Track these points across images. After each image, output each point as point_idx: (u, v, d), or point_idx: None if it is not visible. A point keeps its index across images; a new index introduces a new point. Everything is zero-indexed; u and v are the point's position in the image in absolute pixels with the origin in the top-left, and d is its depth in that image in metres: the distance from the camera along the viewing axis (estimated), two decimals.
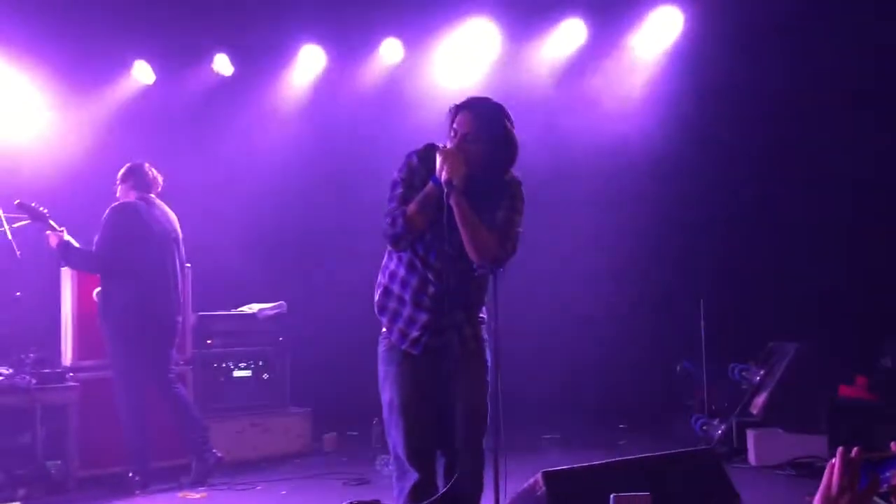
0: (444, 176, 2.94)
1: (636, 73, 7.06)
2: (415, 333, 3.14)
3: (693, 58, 6.78)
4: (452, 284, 3.12)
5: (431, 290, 3.11)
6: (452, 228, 3.01)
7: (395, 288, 3.19)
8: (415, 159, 3.13)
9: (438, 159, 2.99)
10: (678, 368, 6.63)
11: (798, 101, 6.69)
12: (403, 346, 3.15)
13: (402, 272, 3.18)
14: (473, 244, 3.02)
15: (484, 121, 3.05)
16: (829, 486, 1.77)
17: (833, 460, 1.80)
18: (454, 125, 3.08)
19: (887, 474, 1.80)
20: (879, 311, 6.17)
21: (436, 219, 3.02)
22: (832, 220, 6.66)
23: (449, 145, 3.06)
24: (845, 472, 1.76)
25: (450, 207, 2.98)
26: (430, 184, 3.02)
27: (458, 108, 3.09)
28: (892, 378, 5.79)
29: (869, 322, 6.16)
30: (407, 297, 3.16)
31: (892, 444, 1.82)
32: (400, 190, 3.11)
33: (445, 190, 2.95)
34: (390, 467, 3.24)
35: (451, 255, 3.08)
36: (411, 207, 3.04)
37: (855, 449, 1.78)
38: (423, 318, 3.13)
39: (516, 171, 3.20)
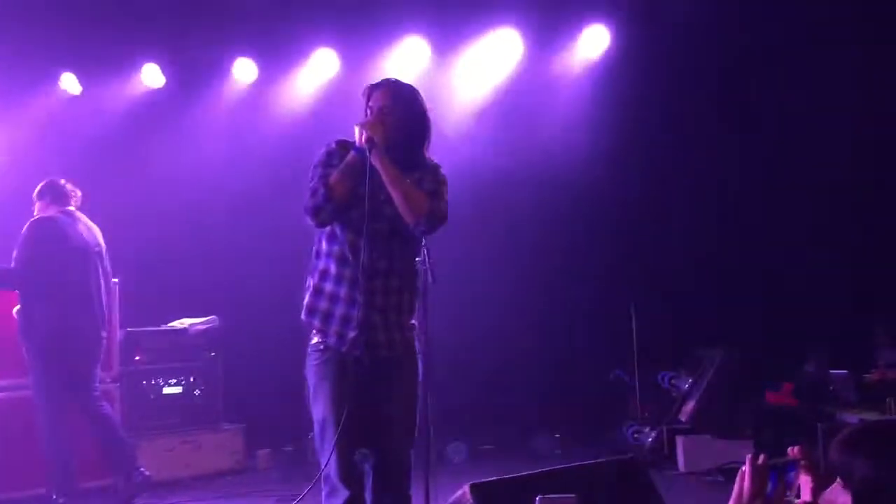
0: (364, 137, 2.98)
1: (566, 86, 7.16)
2: (352, 333, 3.07)
3: (619, 72, 6.92)
4: (384, 268, 3.09)
5: (363, 284, 3.05)
6: (377, 203, 3.01)
7: (328, 286, 3.13)
8: (333, 145, 3.17)
9: (357, 130, 3.02)
10: (611, 377, 6.71)
11: (722, 112, 6.88)
12: (343, 349, 3.08)
13: (333, 268, 3.12)
14: (405, 201, 3.01)
15: (398, 96, 3.15)
16: (740, 493, 1.85)
17: (743, 468, 1.88)
18: (370, 103, 3.16)
19: (790, 474, 1.89)
20: (805, 317, 6.34)
21: (361, 192, 3.00)
22: (758, 227, 6.85)
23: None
24: (755, 478, 1.84)
25: (373, 173, 2.98)
26: (351, 153, 3.03)
27: (372, 88, 3.19)
28: (815, 383, 5.95)
29: (795, 328, 6.33)
30: (342, 293, 3.09)
31: (790, 449, 1.91)
32: (319, 170, 3.11)
33: (368, 148, 2.96)
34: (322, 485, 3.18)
35: (382, 231, 3.06)
36: (333, 176, 3.03)
37: (762, 456, 1.87)
38: (357, 315, 3.06)
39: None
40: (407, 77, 6.60)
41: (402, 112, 3.11)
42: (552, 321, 7.01)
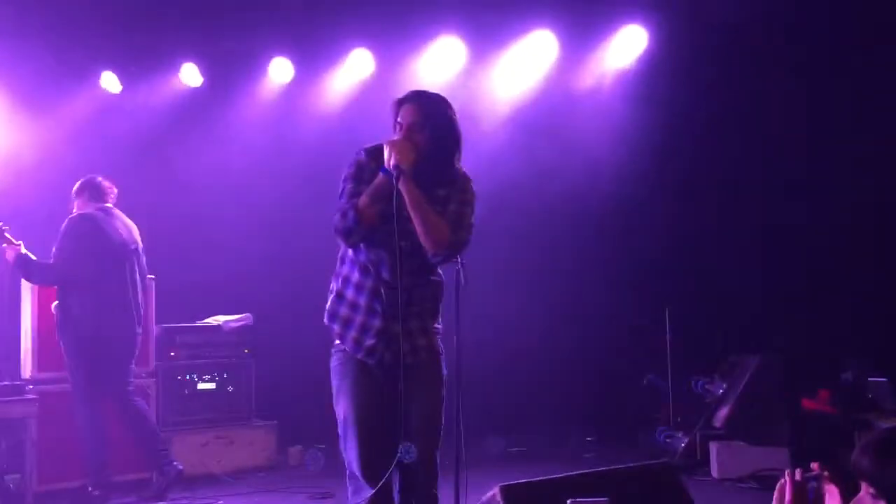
0: (392, 162, 2.95)
1: (602, 88, 7.12)
2: (370, 342, 3.09)
3: (657, 74, 6.85)
4: (406, 284, 3.09)
5: (385, 293, 3.07)
6: (403, 222, 2.98)
7: (349, 293, 3.14)
8: (363, 155, 3.14)
9: (386, 150, 2.99)
10: (645, 381, 6.67)
11: (762, 116, 6.79)
12: (359, 356, 3.11)
13: (356, 276, 3.14)
14: (425, 228, 3.00)
15: (427, 111, 3.09)
16: None
17: (782, 480, 1.86)
18: (399, 118, 3.11)
19: (811, 486, 1.87)
20: (843, 324, 6.24)
21: (387, 212, 2.99)
22: (796, 233, 6.74)
23: (395, 137, 3.08)
24: (796, 494, 1.83)
25: (400, 194, 2.96)
26: (380, 175, 3.00)
27: (401, 102, 3.13)
28: (853, 392, 5.86)
29: (832, 336, 6.23)
30: (361, 301, 3.11)
31: (812, 464, 1.89)
32: (349, 185, 3.10)
33: (394, 175, 2.94)
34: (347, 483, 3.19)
35: (405, 249, 3.03)
36: (362, 199, 3.01)
37: (798, 470, 1.85)
38: (376, 324, 3.09)
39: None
40: (442, 78, 6.75)
41: (432, 128, 3.07)
42: (586, 325, 6.97)
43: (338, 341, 3.19)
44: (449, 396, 3.23)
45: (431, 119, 3.07)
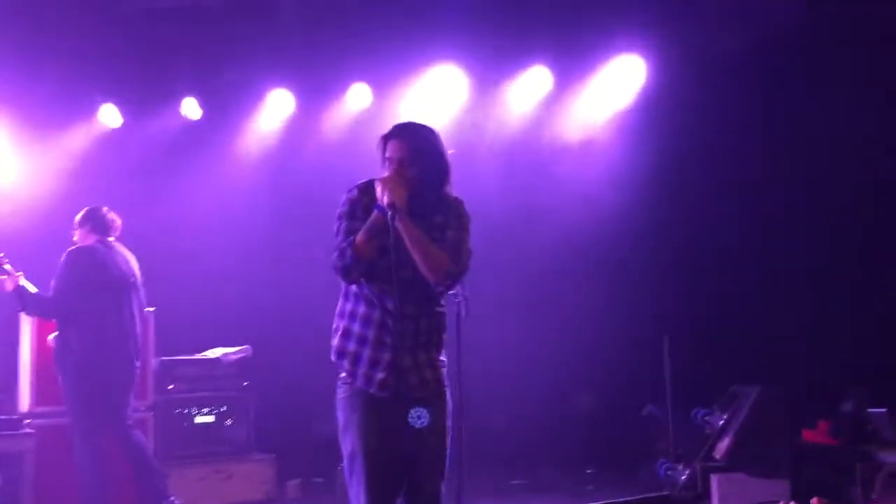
0: (385, 200, 2.97)
1: (600, 119, 7.18)
2: (381, 375, 3.08)
3: (656, 105, 6.91)
4: (412, 313, 3.10)
5: (392, 326, 3.07)
6: (403, 254, 3.00)
7: (356, 327, 3.14)
8: (355, 192, 3.16)
9: (378, 188, 3.02)
10: (644, 412, 6.64)
11: (762, 148, 6.83)
12: (372, 390, 3.09)
13: (362, 309, 3.14)
14: (426, 262, 3.02)
15: (414, 143, 3.12)
16: None
17: None
18: (387, 154, 3.13)
19: None
20: (842, 355, 6.24)
21: (386, 245, 3.01)
22: (795, 263, 6.76)
23: (386, 173, 3.10)
24: None
25: (397, 231, 2.98)
26: (375, 212, 3.02)
27: (387, 137, 3.15)
28: (853, 423, 5.83)
29: (832, 367, 6.22)
30: (369, 335, 3.10)
31: (812, 500, 1.88)
32: (344, 223, 3.12)
33: (389, 213, 2.96)
34: None
35: (407, 279, 3.04)
36: (359, 237, 3.03)
37: None
38: (385, 357, 3.08)
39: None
40: (441, 109, 6.80)
41: (421, 161, 3.09)
42: (585, 356, 6.96)
43: (346, 376, 3.16)
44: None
45: (419, 152, 3.10)
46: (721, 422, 6.00)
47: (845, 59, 6.27)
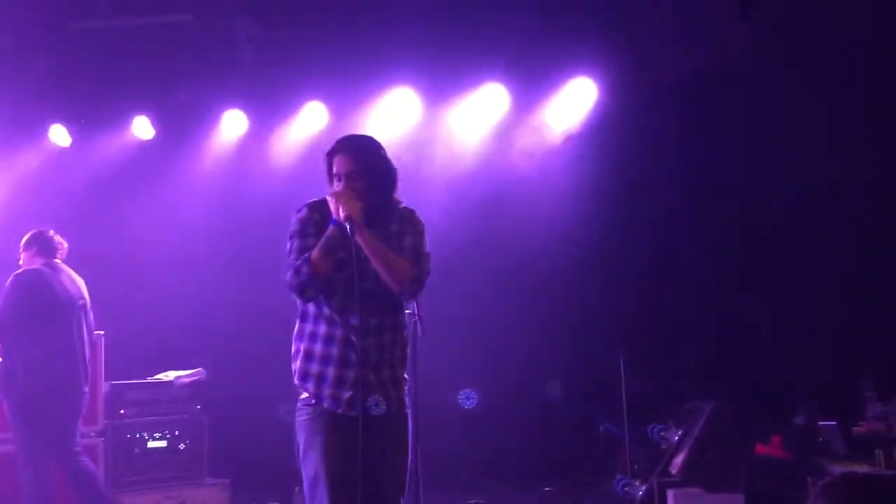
0: (342, 215, 2.98)
1: (553, 140, 7.25)
2: (347, 394, 3.05)
3: (607, 127, 7.00)
4: (375, 327, 3.10)
5: (356, 342, 3.06)
6: (362, 266, 3.02)
7: (318, 347, 3.12)
8: (304, 210, 3.18)
9: (331, 203, 3.03)
10: (601, 429, 6.67)
11: (710, 167, 6.95)
12: (339, 410, 3.06)
13: (322, 328, 3.12)
14: (388, 272, 3.05)
15: (360, 155, 3.15)
16: None
17: None
18: (334, 170, 3.16)
19: None
20: (794, 369, 6.34)
21: (343, 262, 3.03)
22: (746, 279, 6.88)
23: (337, 188, 3.12)
24: None
25: (357, 244, 2.99)
26: (330, 227, 3.03)
27: (331, 153, 3.19)
28: (805, 436, 5.94)
29: (784, 381, 6.32)
30: (333, 353, 3.08)
31: None
32: (296, 241, 3.13)
33: (348, 227, 2.97)
34: None
35: (368, 290, 3.05)
36: (315, 253, 3.03)
37: None
38: (351, 374, 3.06)
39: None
40: (396, 128, 6.81)
41: (368, 172, 3.13)
42: (540, 372, 6.99)
43: (308, 398, 3.13)
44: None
45: (365, 164, 3.14)
46: (676, 437, 6.06)
47: (790, 77, 6.41)
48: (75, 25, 6.21)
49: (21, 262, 5.23)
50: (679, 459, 5.93)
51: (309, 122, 7.12)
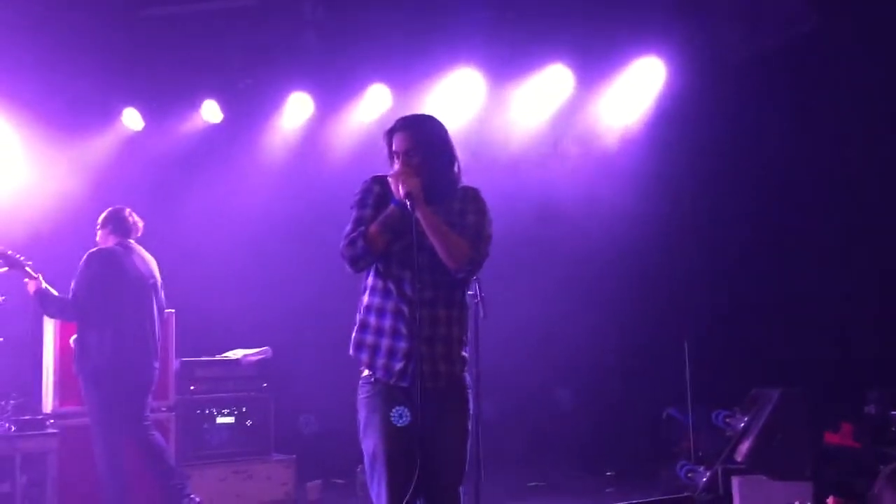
0: (402, 192, 3.00)
1: (618, 122, 7.15)
2: (399, 364, 3.08)
3: (675, 109, 6.87)
4: (429, 299, 3.10)
5: (408, 314, 3.08)
6: (420, 240, 3.03)
7: (372, 319, 3.16)
8: (369, 181, 3.21)
9: (391, 182, 3.06)
10: (664, 415, 6.61)
11: (784, 150, 6.77)
12: (391, 381, 3.09)
13: (377, 301, 3.15)
14: (446, 249, 3.05)
15: (417, 133, 3.17)
16: None
17: None
18: (393, 149, 3.19)
19: None
20: (866, 358, 6.18)
21: (401, 238, 3.05)
22: (819, 266, 6.70)
23: (396, 167, 3.15)
24: None
25: (416, 220, 3.01)
26: (392, 206, 3.06)
27: (390, 133, 3.21)
28: (876, 426, 5.78)
29: (855, 369, 6.16)
30: (385, 324, 3.12)
31: (828, 499, 1.87)
32: (355, 211, 3.17)
33: (409, 204, 2.99)
34: None
35: (424, 264, 3.07)
36: (372, 228, 3.07)
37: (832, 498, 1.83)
38: (402, 346, 3.08)
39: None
40: (459, 109, 6.79)
41: (426, 148, 3.15)
42: (606, 358, 6.94)
43: (367, 372, 3.17)
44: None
45: (421, 140, 3.16)
46: (742, 424, 5.96)
47: (861, 64, 6.20)
48: (147, 12, 6.34)
49: (97, 239, 5.38)
50: (745, 446, 5.84)
51: (373, 105, 7.16)
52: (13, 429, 5.16)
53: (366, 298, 3.21)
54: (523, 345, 6.60)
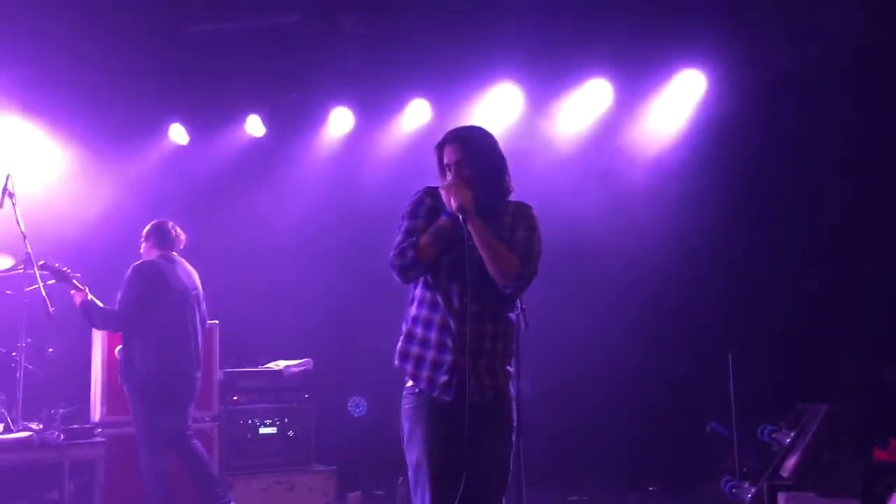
0: (454, 205, 3.02)
1: (660, 134, 7.10)
2: (444, 378, 3.09)
3: (717, 121, 6.81)
4: (477, 312, 3.10)
5: (455, 327, 3.09)
6: (470, 254, 3.04)
7: (418, 331, 3.17)
8: (420, 192, 3.23)
9: (443, 194, 3.08)
10: (707, 429, 6.52)
11: (832, 167, 6.65)
12: (435, 393, 3.10)
13: (424, 313, 3.17)
14: (495, 263, 3.06)
15: (468, 144, 3.19)
16: None
17: None
18: (444, 161, 3.20)
19: None
20: None
21: (451, 250, 3.06)
22: (868, 280, 6.58)
23: (448, 179, 3.17)
24: None
25: (468, 232, 3.02)
26: (443, 218, 3.08)
27: (441, 145, 3.23)
28: None
29: None
30: (432, 336, 3.13)
31: None
32: (405, 222, 3.18)
33: (461, 217, 3.01)
34: None
35: (473, 278, 3.08)
36: (423, 239, 3.09)
37: None
38: (448, 359, 3.09)
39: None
40: (499, 124, 6.81)
41: (477, 160, 3.16)
42: (648, 372, 6.88)
43: (411, 382, 3.18)
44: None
45: (472, 152, 3.17)
46: (788, 439, 5.87)
47: None
48: (196, 28, 6.47)
49: (141, 251, 5.49)
50: (791, 462, 5.74)
51: (413, 119, 7.21)
52: (62, 437, 5.27)
53: (413, 310, 3.23)
54: (566, 355, 6.57)
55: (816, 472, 5.60)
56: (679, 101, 6.97)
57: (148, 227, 5.51)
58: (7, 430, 5.30)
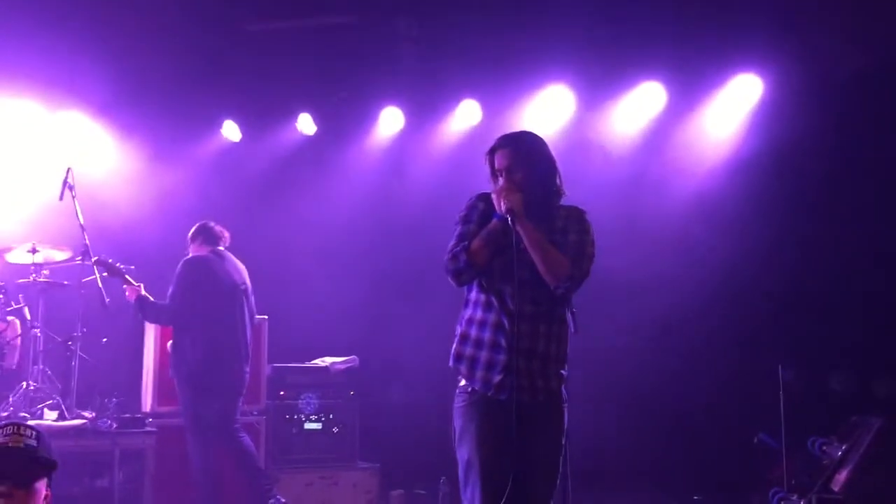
0: (504, 208, 3.07)
1: (715, 139, 7.00)
2: (497, 377, 3.12)
3: (772, 125, 6.69)
4: (530, 313, 3.13)
5: (508, 327, 3.12)
6: (522, 255, 3.08)
7: (473, 332, 3.21)
8: (474, 198, 3.29)
9: (494, 198, 3.13)
10: (755, 440, 6.41)
11: (885, 167, 6.51)
12: (490, 393, 3.13)
13: (479, 314, 3.21)
14: (546, 264, 3.09)
15: (518, 149, 3.24)
16: None
17: None
18: (496, 166, 3.25)
19: None
20: None
21: (503, 252, 3.10)
22: None
23: (499, 184, 3.21)
24: None
25: (518, 235, 3.06)
26: (494, 221, 3.13)
27: (493, 150, 3.28)
28: None
29: None
30: (485, 337, 3.17)
31: None
32: (459, 227, 3.24)
33: (510, 219, 3.05)
34: None
35: (525, 279, 3.10)
36: (475, 242, 3.14)
37: None
38: (501, 359, 3.12)
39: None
40: (549, 126, 6.78)
41: (528, 164, 3.21)
42: (696, 382, 6.78)
43: (464, 382, 3.22)
44: None
45: (524, 156, 3.22)
46: (840, 452, 5.74)
47: None
48: (254, 27, 6.56)
49: (189, 253, 5.58)
50: (842, 476, 5.62)
51: (463, 120, 7.21)
52: (115, 426, 5.39)
53: (468, 312, 3.27)
54: (616, 364, 6.52)
55: (868, 486, 5.47)
56: (734, 105, 6.85)
57: (192, 230, 5.61)
58: (61, 417, 5.43)
